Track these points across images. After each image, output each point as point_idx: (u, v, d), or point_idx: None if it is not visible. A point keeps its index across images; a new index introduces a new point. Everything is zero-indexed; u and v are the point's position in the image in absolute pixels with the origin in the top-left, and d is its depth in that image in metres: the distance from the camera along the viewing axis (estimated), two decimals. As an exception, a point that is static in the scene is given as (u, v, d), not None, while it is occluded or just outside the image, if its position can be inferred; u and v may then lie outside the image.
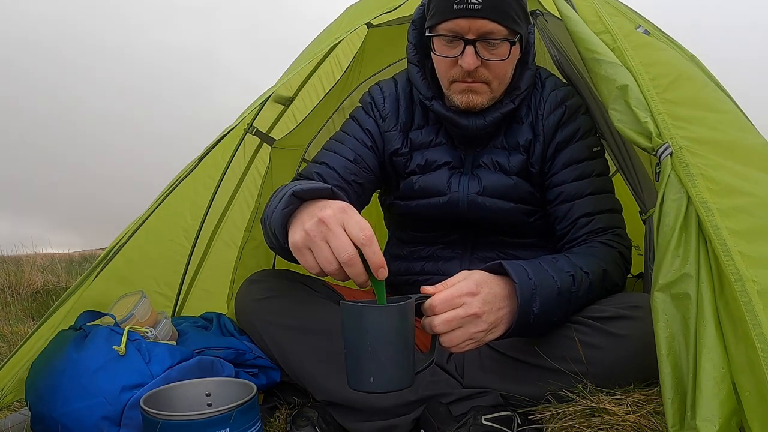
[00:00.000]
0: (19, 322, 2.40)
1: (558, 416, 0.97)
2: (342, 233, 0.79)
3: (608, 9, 1.09)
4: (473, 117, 1.19)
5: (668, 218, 0.80)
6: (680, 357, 0.76)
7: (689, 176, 0.80)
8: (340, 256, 0.79)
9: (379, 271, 0.80)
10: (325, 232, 0.80)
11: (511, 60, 1.14)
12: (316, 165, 1.25)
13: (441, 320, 0.87)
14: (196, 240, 1.68)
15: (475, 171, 1.25)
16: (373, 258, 0.79)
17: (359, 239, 0.78)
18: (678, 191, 0.81)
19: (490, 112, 1.19)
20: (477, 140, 1.23)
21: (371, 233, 0.79)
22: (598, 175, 1.21)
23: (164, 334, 1.22)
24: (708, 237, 0.76)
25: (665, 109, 0.87)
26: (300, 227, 0.84)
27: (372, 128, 1.30)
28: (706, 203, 0.77)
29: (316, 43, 1.52)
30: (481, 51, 1.10)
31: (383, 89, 1.32)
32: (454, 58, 1.12)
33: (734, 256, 0.73)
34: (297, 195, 0.91)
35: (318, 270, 0.83)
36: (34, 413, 1.07)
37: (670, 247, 0.79)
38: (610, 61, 0.95)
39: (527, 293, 0.94)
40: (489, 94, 1.16)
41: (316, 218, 0.81)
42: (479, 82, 1.14)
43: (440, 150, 1.26)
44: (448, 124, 1.22)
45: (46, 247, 5.10)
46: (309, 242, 0.82)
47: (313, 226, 0.81)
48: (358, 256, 0.79)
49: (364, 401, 1.06)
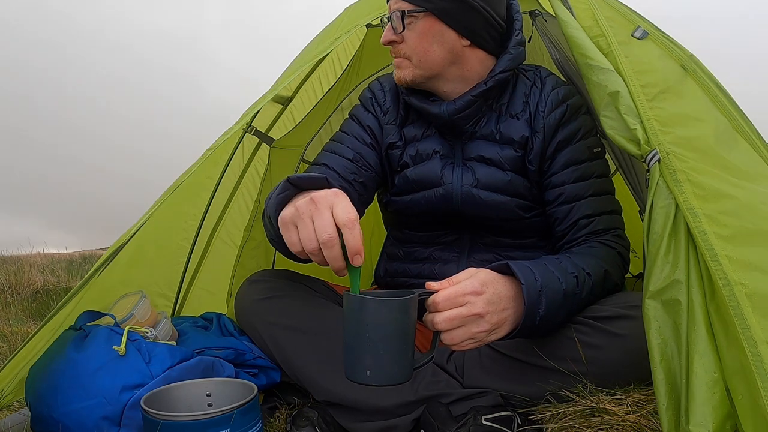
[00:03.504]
0: (19, 323, 2.41)
1: (558, 416, 0.97)
2: (328, 214, 0.80)
3: (606, 11, 1.09)
4: (444, 104, 1.21)
5: (657, 225, 0.81)
6: (673, 363, 0.77)
7: (676, 182, 0.81)
8: (320, 236, 0.79)
9: (354, 258, 0.79)
10: (312, 211, 0.81)
11: (424, 35, 1.18)
12: (316, 167, 1.26)
13: (443, 318, 0.87)
14: (196, 240, 1.68)
15: (468, 163, 1.25)
16: (351, 242, 0.79)
17: (342, 221, 0.79)
18: (666, 197, 0.81)
19: (462, 96, 1.21)
20: (458, 128, 1.24)
21: (355, 218, 0.80)
22: (599, 177, 1.21)
23: (164, 334, 1.22)
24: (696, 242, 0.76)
25: (654, 115, 0.88)
26: (292, 205, 0.86)
27: (372, 124, 1.31)
28: (693, 209, 0.78)
29: (316, 43, 1.52)
30: (396, 27, 1.19)
31: (383, 83, 1.35)
32: None
33: (721, 260, 0.73)
34: (292, 182, 0.93)
35: (299, 248, 0.83)
36: (34, 413, 1.07)
37: (659, 253, 0.79)
38: (602, 67, 0.96)
39: (534, 295, 0.93)
40: (411, 69, 1.21)
41: (308, 197, 0.83)
42: (400, 57, 1.22)
43: (430, 140, 1.27)
44: (425, 114, 1.26)
45: (42, 246, 5.10)
46: (296, 218, 0.83)
47: (303, 204, 0.83)
48: (338, 238, 0.79)
49: (365, 401, 1.06)
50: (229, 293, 1.75)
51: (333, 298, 1.23)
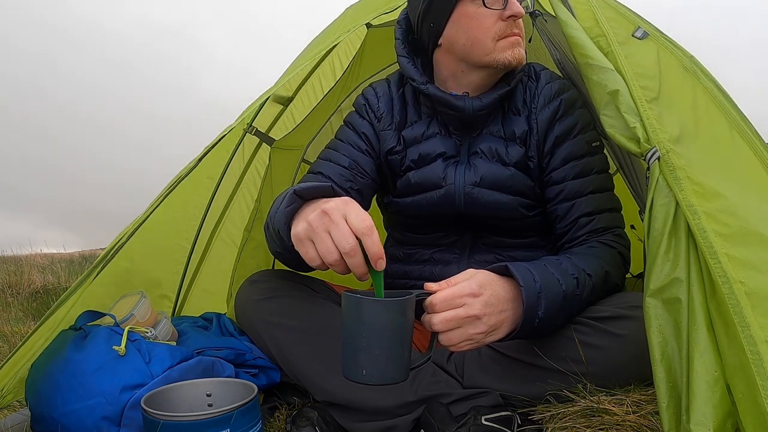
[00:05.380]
0: (19, 322, 2.41)
1: (558, 416, 0.97)
2: (344, 224, 0.79)
3: (607, 12, 1.09)
4: (470, 99, 1.20)
5: (657, 223, 0.81)
6: (674, 361, 0.77)
7: (676, 180, 0.81)
8: (342, 246, 0.79)
9: (377, 262, 0.80)
10: (327, 223, 0.81)
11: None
12: (312, 175, 1.26)
13: (440, 319, 0.87)
14: (196, 240, 1.68)
15: (471, 160, 1.24)
16: (373, 249, 0.79)
17: (360, 230, 0.79)
18: (666, 195, 0.81)
19: (487, 94, 1.20)
20: (473, 125, 1.23)
21: (372, 224, 0.80)
22: (599, 173, 1.21)
23: (164, 334, 1.22)
24: (695, 240, 0.76)
25: (653, 114, 0.88)
26: (303, 220, 0.85)
27: (367, 131, 1.30)
28: (692, 206, 0.78)
29: (316, 44, 1.52)
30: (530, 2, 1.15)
31: (376, 90, 1.33)
32: (500, 11, 1.15)
33: (721, 258, 0.73)
34: (299, 194, 0.91)
35: (319, 262, 0.83)
36: (34, 413, 1.07)
37: (660, 251, 0.79)
38: (602, 66, 0.96)
39: (533, 297, 0.93)
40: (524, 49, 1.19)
41: (319, 210, 0.82)
42: (521, 36, 1.16)
43: (433, 141, 1.26)
44: (445, 107, 1.22)
45: (42, 246, 5.10)
46: (311, 233, 0.82)
47: (316, 218, 0.82)
48: (359, 246, 0.79)
49: (364, 402, 1.06)
50: (229, 293, 1.75)
51: (333, 298, 1.23)
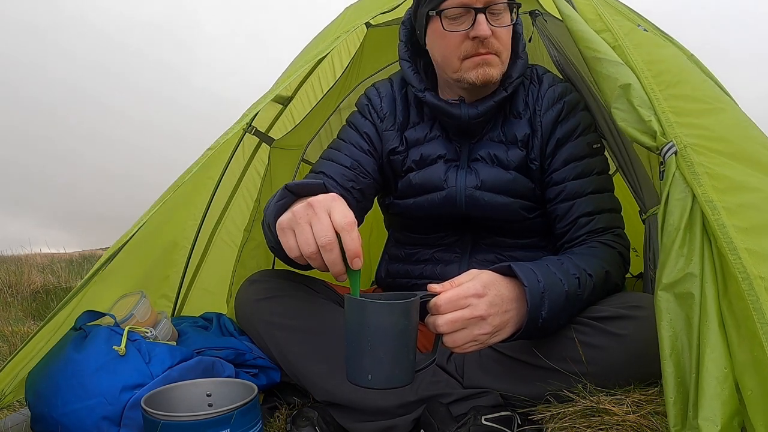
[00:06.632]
0: (19, 323, 2.41)
1: (558, 416, 0.96)
2: (326, 218, 0.80)
3: (608, 9, 1.09)
4: (466, 107, 1.19)
5: (673, 217, 0.80)
6: (683, 356, 0.76)
7: (694, 175, 0.80)
8: (320, 239, 0.80)
9: (354, 261, 0.80)
10: (310, 215, 0.82)
11: (508, 30, 1.16)
12: (314, 175, 1.26)
13: (445, 320, 0.86)
14: (196, 240, 1.68)
15: (472, 164, 1.25)
16: (350, 245, 0.79)
17: (340, 225, 0.79)
18: (683, 190, 0.80)
19: (483, 101, 1.20)
20: (471, 131, 1.23)
21: (353, 221, 0.80)
22: (599, 174, 1.21)
23: (164, 334, 1.22)
24: (714, 235, 0.75)
25: (669, 107, 0.87)
26: (290, 211, 0.87)
27: (370, 131, 1.31)
28: (712, 202, 0.77)
29: (315, 43, 1.52)
30: (490, 19, 1.11)
31: (379, 89, 1.34)
32: (464, 32, 1.12)
33: (741, 254, 0.72)
34: (290, 189, 0.93)
35: (297, 253, 0.84)
36: (34, 413, 1.07)
37: (674, 246, 0.78)
38: (611, 60, 0.95)
39: (536, 297, 0.93)
40: (500, 66, 1.16)
41: (305, 202, 0.83)
42: (491, 54, 1.13)
43: (435, 144, 1.26)
44: (441, 114, 1.23)
45: (42, 246, 5.10)
46: (293, 223, 0.84)
47: (301, 209, 0.83)
48: (336, 242, 0.80)
49: (364, 401, 1.06)
50: (229, 293, 1.75)
51: (333, 298, 1.23)
